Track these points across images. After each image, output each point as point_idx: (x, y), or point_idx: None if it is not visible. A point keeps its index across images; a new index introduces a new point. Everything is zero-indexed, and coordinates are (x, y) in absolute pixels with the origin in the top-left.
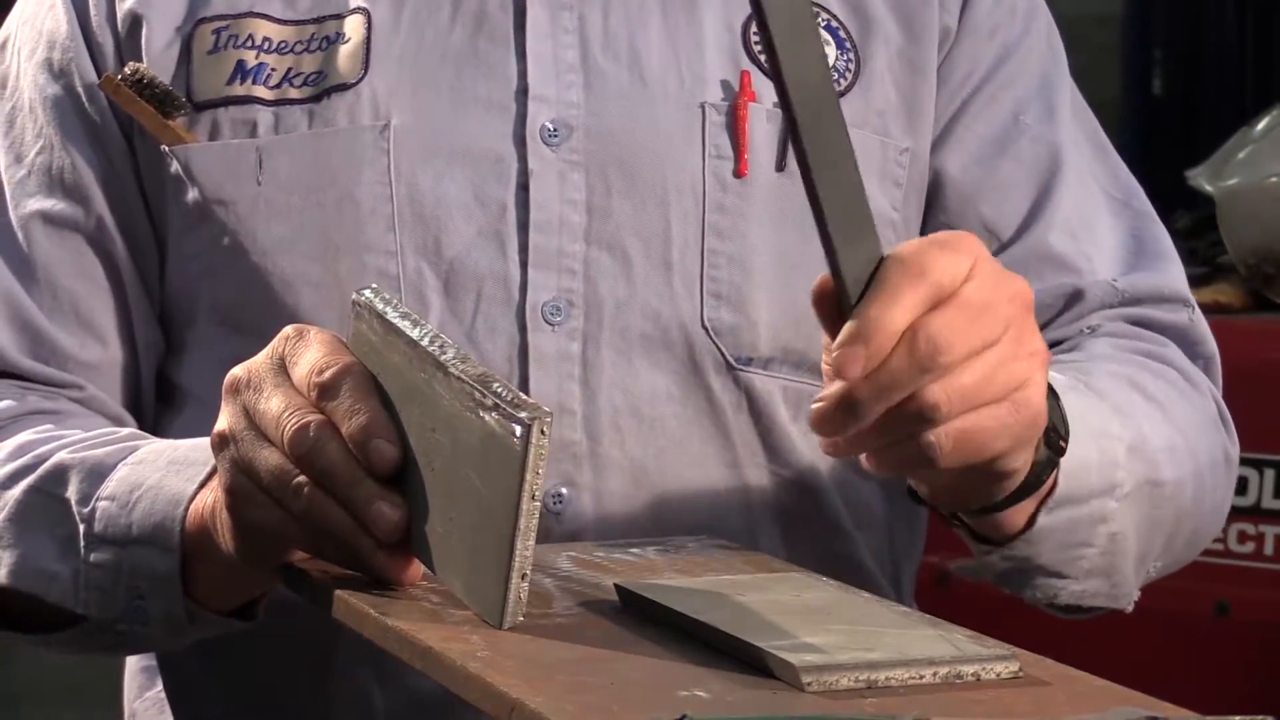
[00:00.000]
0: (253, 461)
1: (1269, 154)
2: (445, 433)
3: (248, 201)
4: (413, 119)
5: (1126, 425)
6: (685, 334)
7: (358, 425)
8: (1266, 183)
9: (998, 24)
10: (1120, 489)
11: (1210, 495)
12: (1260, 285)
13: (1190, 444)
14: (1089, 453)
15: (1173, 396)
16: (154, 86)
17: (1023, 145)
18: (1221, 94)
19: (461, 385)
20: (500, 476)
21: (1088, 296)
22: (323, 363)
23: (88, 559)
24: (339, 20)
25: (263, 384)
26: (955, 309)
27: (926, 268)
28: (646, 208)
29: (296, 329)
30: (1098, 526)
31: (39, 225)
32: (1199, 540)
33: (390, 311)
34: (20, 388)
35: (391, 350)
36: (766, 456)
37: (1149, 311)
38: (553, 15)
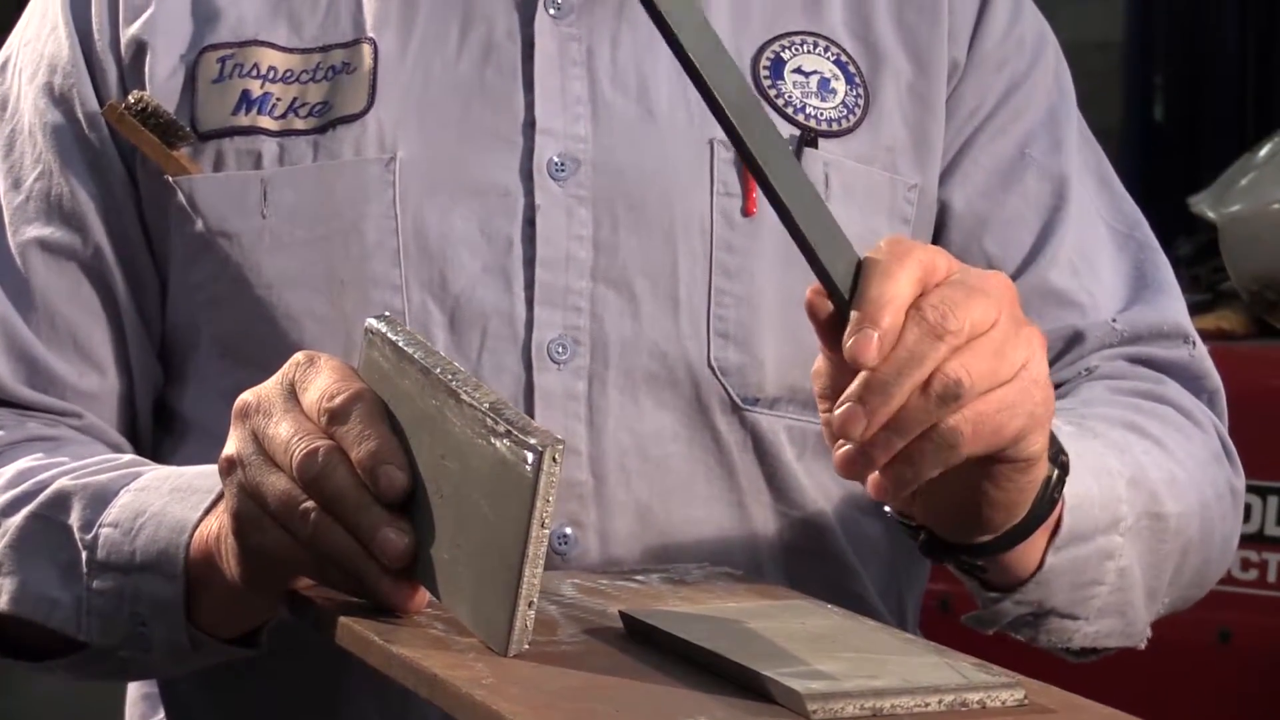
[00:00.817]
0: (260, 486)
1: (1271, 180)
2: (455, 459)
3: (252, 234)
4: (419, 152)
5: (1124, 460)
6: (691, 373)
7: (367, 451)
8: (1269, 209)
9: (1006, 57)
10: (1124, 522)
11: (1217, 528)
12: (1263, 311)
13: (1192, 477)
14: (1089, 488)
15: (1169, 433)
16: (158, 115)
17: (1029, 179)
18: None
19: (473, 412)
20: (510, 504)
21: (1088, 338)
22: (333, 389)
23: (90, 585)
24: (345, 49)
25: (272, 409)
26: (950, 286)
27: (908, 249)
28: (654, 244)
29: (307, 355)
30: (1106, 563)
31: (37, 252)
32: (1208, 574)
33: (402, 339)
34: (19, 415)
35: (403, 377)
36: (772, 496)
37: (1149, 349)
38: (561, 47)
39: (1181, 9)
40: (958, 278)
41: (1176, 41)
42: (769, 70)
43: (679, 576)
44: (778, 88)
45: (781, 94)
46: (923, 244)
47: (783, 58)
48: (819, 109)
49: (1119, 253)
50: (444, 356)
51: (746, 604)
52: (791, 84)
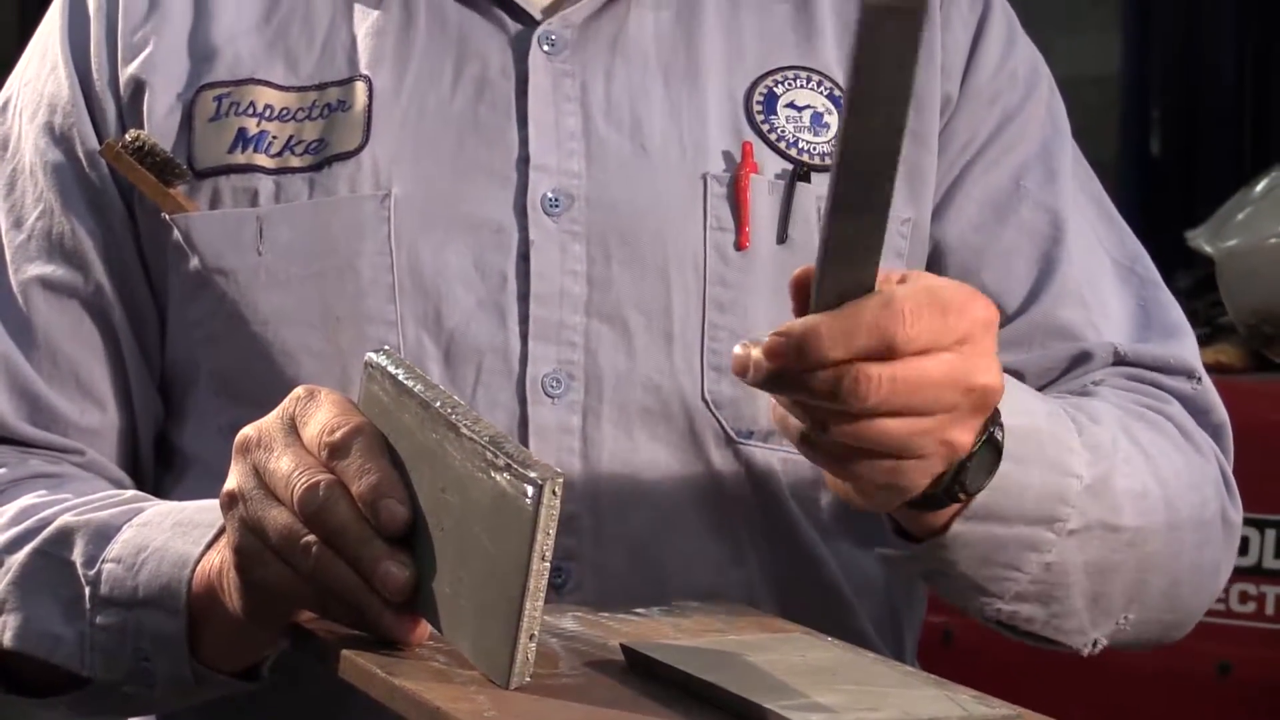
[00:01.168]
0: (261, 520)
1: (1268, 215)
2: (456, 493)
3: (248, 271)
4: (414, 188)
5: (1095, 465)
6: (686, 407)
7: (368, 485)
8: (1266, 244)
9: (999, 91)
10: (1063, 524)
11: (1191, 552)
12: (1260, 345)
13: (1168, 495)
14: (1030, 479)
15: (1164, 448)
16: (154, 154)
17: (1024, 211)
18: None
19: (473, 446)
20: (510, 537)
21: (1093, 358)
22: (334, 422)
23: (93, 621)
24: (341, 87)
25: (273, 443)
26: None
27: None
28: (647, 279)
29: (307, 390)
30: (1027, 553)
31: (38, 290)
32: (1181, 596)
33: (402, 373)
34: (21, 453)
35: (403, 411)
36: (766, 529)
37: (1153, 375)
38: (555, 82)
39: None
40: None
41: (1173, 76)
42: (762, 105)
43: (679, 610)
44: (770, 122)
45: (774, 128)
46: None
47: (776, 92)
48: (812, 143)
49: (1122, 286)
50: (443, 390)
51: (747, 637)
52: (784, 119)
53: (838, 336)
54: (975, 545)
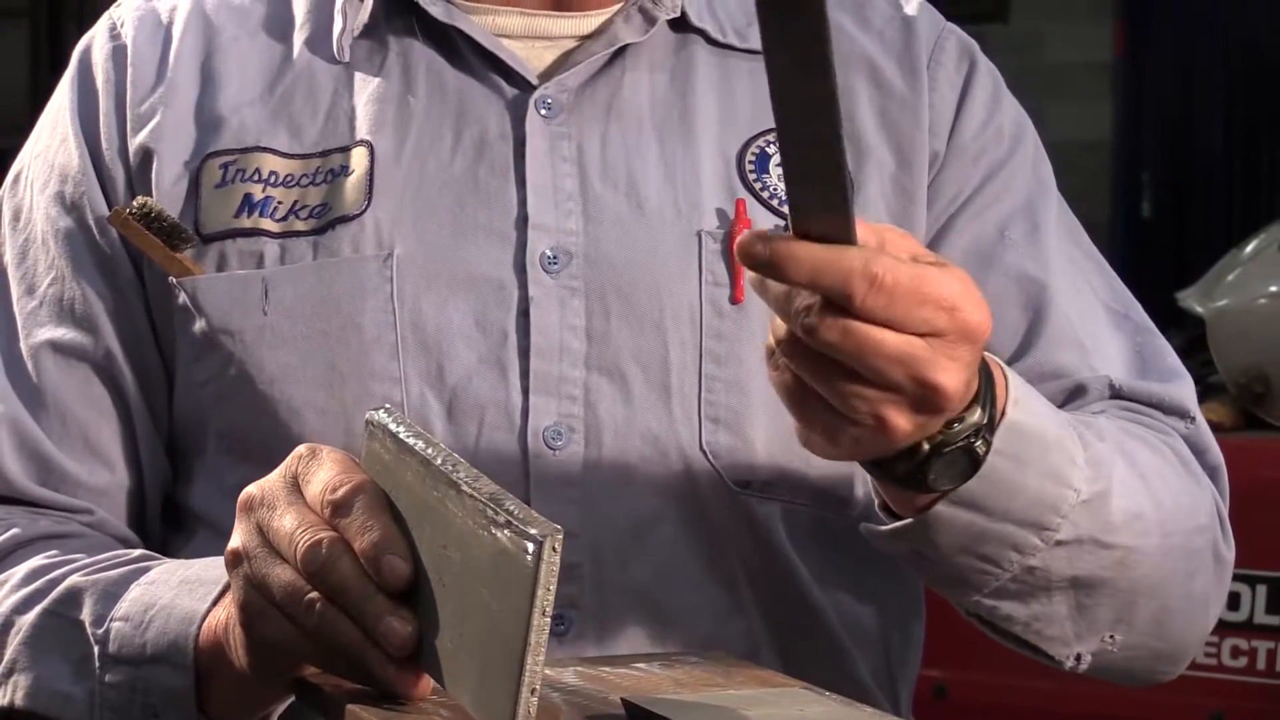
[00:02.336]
0: (266, 578)
1: (1257, 276)
2: (457, 549)
3: (254, 331)
4: (415, 248)
5: (1095, 481)
6: (684, 457)
7: (370, 541)
8: (1255, 304)
9: (984, 147)
10: (1052, 533)
11: (1182, 579)
12: (1251, 404)
13: (1163, 520)
14: (1026, 480)
15: (1163, 472)
16: (161, 220)
17: (1009, 259)
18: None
19: (474, 503)
20: (511, 592)
21: (1089, 390)
22: (336, 480)
23: (103, 679)
24: (343, 153)
25: (276, 501)
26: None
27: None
28: (645, 334)
29: (309, 448)
30: (1009, 551)
31: (49, 355)
32: (1171, 624)
33: (403, 431)
34: (32, 514)
35: (404, 469)
36: (765, 577)
37: (1148, 410)
38: (552, 144)
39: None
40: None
41: (1164, 142)
42: (754, 164)
43: (679, 663)
44: (763, 181)
45: (767, 187)
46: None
47: (767, 152)
48: None
49: (1117, 331)
50: (444, 447)
51: (745, 691)
52: (776, 177)
53: (805, 266)
54: (957, 532)
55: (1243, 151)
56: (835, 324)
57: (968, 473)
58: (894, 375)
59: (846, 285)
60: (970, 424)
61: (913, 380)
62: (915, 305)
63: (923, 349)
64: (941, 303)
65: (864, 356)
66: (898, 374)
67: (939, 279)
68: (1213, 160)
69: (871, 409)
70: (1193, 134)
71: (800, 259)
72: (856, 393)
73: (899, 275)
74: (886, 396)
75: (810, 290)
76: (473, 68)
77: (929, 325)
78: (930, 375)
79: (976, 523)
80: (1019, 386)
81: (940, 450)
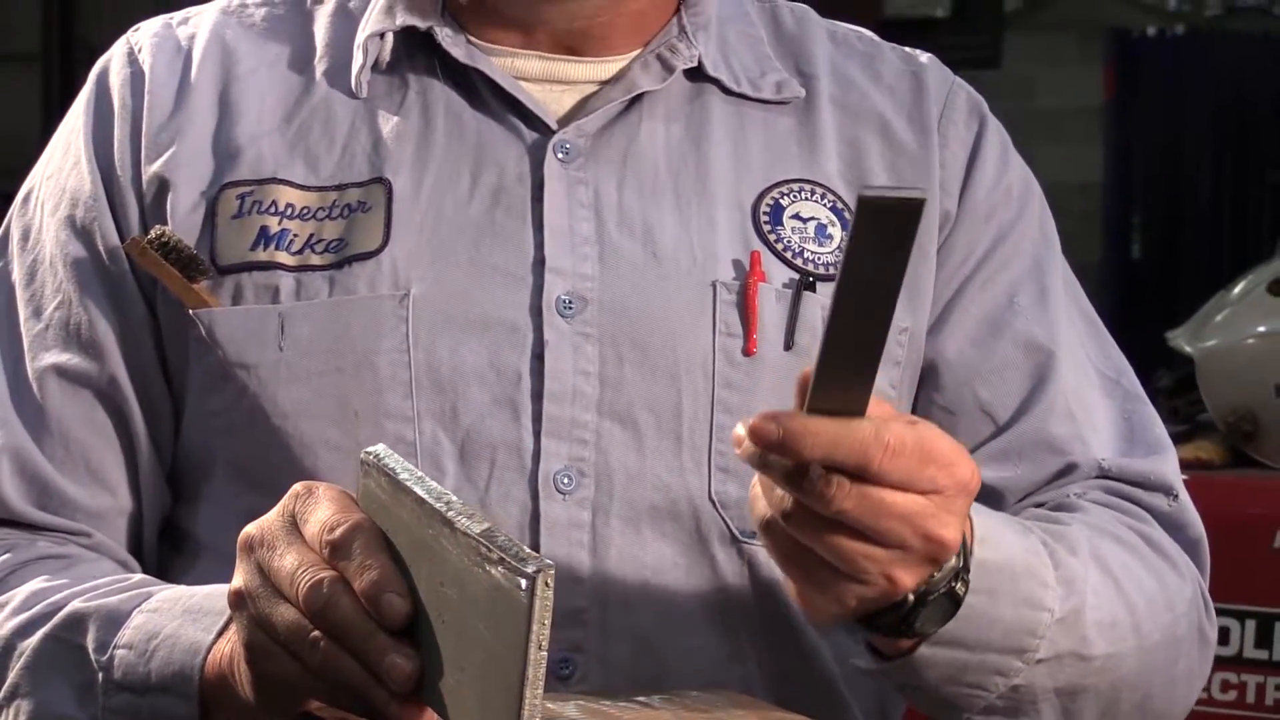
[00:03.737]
0: (270, 618)
1: (1245, 317)
2: (454, 586)
3: (269, 366)
4: (431, 288)
5: (1069, 599)
6: (693, 506)
7: (369, 580)
8: (1243, 344)
9: (994, 207)
10: (1032, 654)
11: (1164, 669)
12: (1239, 442)
13: (1136, 621)
14: (1001, 612)
15: (1135, 573)
16: (179, 250)
17: (1017, 327)
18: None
19: (468, 540)
20: (508, 628)
21: (1078, 470)
22: (333, 520)
23: (106, 705)
24: (361, 188)
25: (276, 542)
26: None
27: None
28: (658, 382)
29: (306, 487)
30: (993, 677)
31: (53, 378)
32: (1153, 707)
33: (399, 469)
34: (30, 535)
35: (400, 507)
36: (767, 625)
37: (1131, 491)
38: (569, 189)
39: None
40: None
41: (1154, 184)
42: (769, 216)
43: (679, 697)
44: (777, 233)
45: (781, 239)
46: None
47: (782, 204)
48: (816, 254)
49: (1108, 400)
50: (438, 485)
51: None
52: (790, 229)
53: (822, 441)
54: (942, 667)
55: (1230, 194)
56: (851, 491)
57: (949, 614)
58: (902, 534)
59: (863, 455)
60: (950, 569)
61: (920, 537)
62: (923, 465)
63: (928, 506)
64: (942, 460)
65: (878, 519)
66: (906, 532)
67: (937, 438)
68: (1201, 203)
69: (881, 569)
70: (1181, 177)
71: (816, 435)
72: (867, 554)
73: (906, 439)
74: (894, 555)
75: (823, 463)
76: (492, 109)
77: (933, 483)
78: (936, 531)
79: (959, 657)
80: (983, 523)
81: (925, 599)
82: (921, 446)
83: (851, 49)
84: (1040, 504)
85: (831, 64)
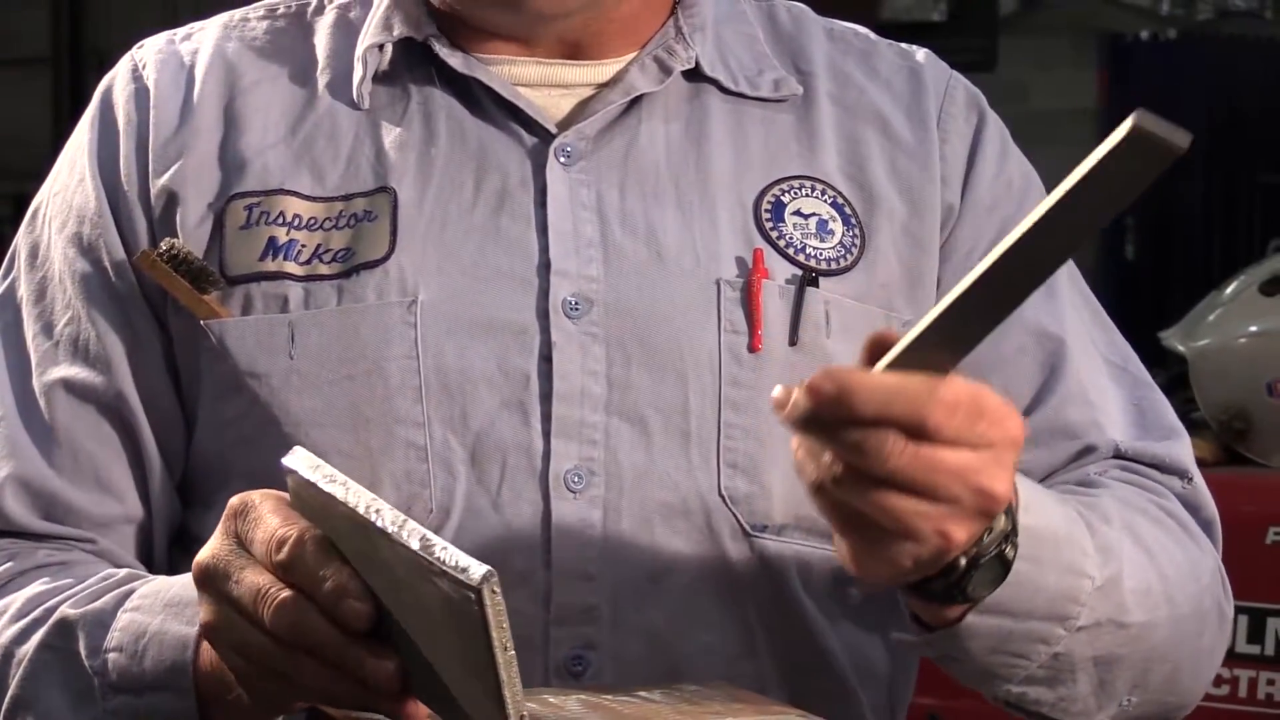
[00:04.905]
0: (246, 647)
1: (1237, 316)
2: (408, 593)
3: (280, 374)
4: (438, 294)
5: (1106, 566)
6: (703, 502)
7: (326, 591)
8: (1235, 343)
9: (997, 199)
10: (1074, 621)
11: (1191, 641)
12: (1231, 440)
13: (1169, 590)
14: (1045, 579)
15: (1165, 544)
16: (189, 262)
17: (1027, 315)
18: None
19: (407, 553)
20: (470, 634)
21: (1096, 452)
22: (277, 537)
23: (106, 708)
24: (366, 198)
25: (229, 569)
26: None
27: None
28: (665, 380)
29: (241, 502)
30: (1037, 645)
31: (61, 393)
32: (1180, 680)
33: (319, 479)
34: (32, 544)
35: (333, 514)
36: (778, 619)
37: (1148, 471)
38: (572, 192)
39: None
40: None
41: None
42: (770, 213)
43: (679, 692)
44: (779, 229)
45: (783, 235)
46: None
47: (783, 201)
48: (818, 249)
49: (1117, 386)
50: (356, 486)
51: (744, 719)
52: (792, 225)
53: (878, 398)
54: (987, 636)
55: (1222, 196)
56: (904, 448)
57: (1000, 578)
58: (955, 489)
59: (919, 413)
60: (999, 532)
61: (972, 491)
62: (974, 421)
63: (979, 460)
64: (993, 415)
65: (931, 475)
66: (958, 487)
67: (987, 393)
68: (1194, 204)
69: (935, 525)
70: (1174, 179)
71: (872, 390)
72: (920, 511)
73: (961, 395)
74: (947, 510)
75: (876, 422)
76: (492, 116)
77: (984, 438)
78: (988, 484)
79: (1004, 625)
80: (1026, 490)
81: (977, 562)
82: (975, 402)
83: (849, 46)
84: (1061, 482)
85: (829, 61)
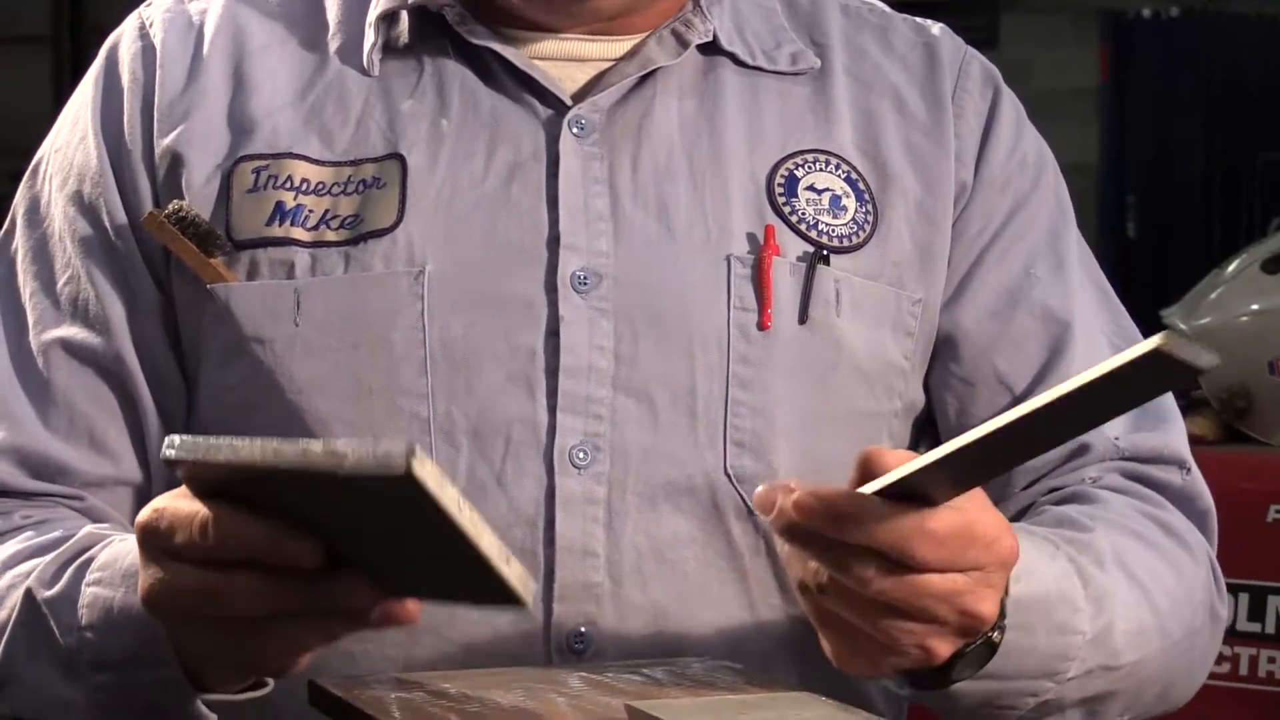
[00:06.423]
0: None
1: (1238, 294)
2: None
3: (285, 340)
4: (447, 265)
5: (1098, 617)
6: (708, 480)
7: (263, 552)
8: (1237, 321)
9: (1010, 177)
10: (1064, 674)
11: (1184, 660)
12: (1232, 418)
13: (1162, 623)
14: (1035, 643)
15: (1159, 572)
16: (196, 224)
17: (1034, 297)
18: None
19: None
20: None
21: (1091, 449)
22: (194, 532)
23: (94, 684)
24: (376, 164)
25: (174, 583)
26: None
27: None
28: (672, 357)
29: (145, 522)
30: (1026, 699)
31: (59, 352)
32: (1174, 693)
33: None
34: (17, 503)
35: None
36: (782, 598)
37: (1146, 469)
38: (584, 165)
39: (1153, 135)
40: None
41: (1147, 166)
42: (783, 188)
43: (682, 669)
44: (791, 205)
45: (795, 210)
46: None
47: (796, 175)
48: (831, 225)
49: None
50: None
51: (747, 696)
52: (805, 201)
53: (865, 526)
54: (976, 696)
55: (1223, 174)
56: (888, 578)
57: (986, 659)
58: (940, 611)
59: (906, 546)
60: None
61: (958, 613)
62: (965, 549)
63: (966, 584)
64: (984, 540)
65: (915, 601)
66: (943, 610)
67: (980, 514)
68: (1194, 183)
69: (918, 641)
70: (1175, 157)
71: (859, 519)
72: (904, 629)
73: (950, 528)
74: (931, 629)
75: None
76: (506, 87)
77: (974, 563)
78: (973, 607)
79: (993, 687)
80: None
81: (962, 653)
82: (966, 531)
83: (864, 21)
84: (1056, 489)
85: (845, 35)
